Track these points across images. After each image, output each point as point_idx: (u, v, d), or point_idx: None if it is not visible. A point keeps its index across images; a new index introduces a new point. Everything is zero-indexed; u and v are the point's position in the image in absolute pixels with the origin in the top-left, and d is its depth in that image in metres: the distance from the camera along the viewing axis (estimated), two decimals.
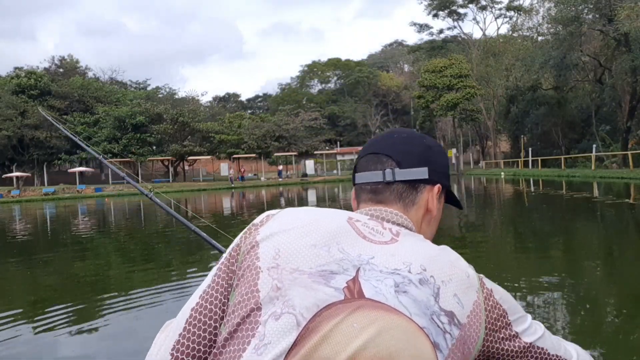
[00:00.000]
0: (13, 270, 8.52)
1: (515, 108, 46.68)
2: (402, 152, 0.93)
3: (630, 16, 26.69)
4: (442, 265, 0.80)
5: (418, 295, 0.75)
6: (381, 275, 0.77)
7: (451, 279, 0.78)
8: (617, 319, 4.42)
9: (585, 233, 9.51)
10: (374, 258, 0.79)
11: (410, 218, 0.91)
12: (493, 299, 0.82)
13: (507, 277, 6.22)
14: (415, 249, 0.82)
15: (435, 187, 0.94)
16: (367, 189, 0.94)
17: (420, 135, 0.99)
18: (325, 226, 0.83)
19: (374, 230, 0.84)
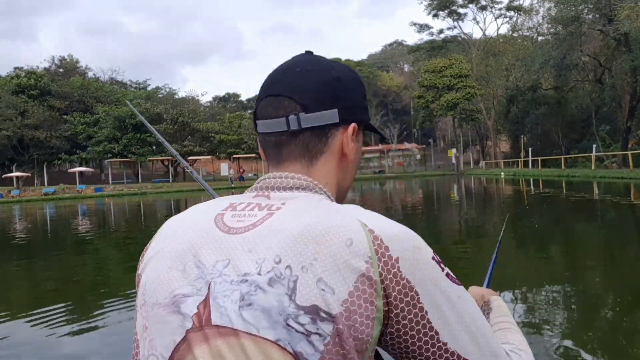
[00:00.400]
0: (13, 270, 8.52)
1: (515, 108, 46.70)
2: (307, 91, 0.75)
3: (630, 16, 26.70)
4: (307, 242, 0.63)
5: (266, 301, 0.61)
6: (230, 287, 0.64)
7: (317, 259, 0.62)
8: (618, 318, 4.42)
9: (585, 233, 9.51)
10: (229, 264, 0.66)
11: (317, 172, 0.77)
12: (397, 271, 0.62)
13: (508, 276, 6.22)
14: (284, 226, 0.66)
15: (349, 127, 0.78)
16: (270, 142, 0.78)
17: (328, 64, 0.80)
18: (184, 236, 0.71)
19: (245, 213, 0.70)
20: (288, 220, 0.66)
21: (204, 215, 0.73)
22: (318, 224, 0.64)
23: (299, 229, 0.65)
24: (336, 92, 0.77)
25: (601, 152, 33.14)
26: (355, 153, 0.82)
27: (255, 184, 0.78)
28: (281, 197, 0.73)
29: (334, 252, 0.61)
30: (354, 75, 0.82)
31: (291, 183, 0.75)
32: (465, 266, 6.96)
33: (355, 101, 0.80)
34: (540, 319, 4.41)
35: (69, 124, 54.06)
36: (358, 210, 0.68)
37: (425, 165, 61.43)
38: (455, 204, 18.45)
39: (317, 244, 0.62)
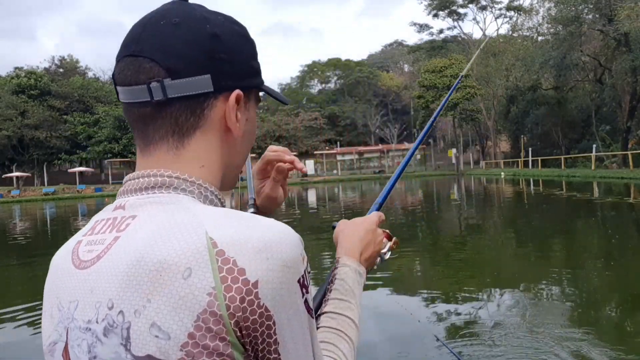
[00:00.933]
0: (13, 270, 8.52)
1: (515, 108, 46.70)
2: (173, 51, 0.60)
3: (630, 16, 26.70)
4: (140, 279, 0.52)
5: (105, 354, 0.53)
6: (80, 336, 0.56)
7: (150, 300, 0.51)
8: (618, 318, 4.43)
9: (585, 233, 9.51)
10: (77, 307, 0.57)
11: (190, 153, 0.62)
12: (254, 298, 0.51)
13: (508, 277, 6.24)
14: (120, 258, 0.55)
15: (232, 95, 0.63)
16: (133, 115, 0.62)
17: (202, 16, 0.63)
18: (51, 272, 0.64)
19: (97, 239, 0.59)
20: (125, 249, 0.55)
21: (69, 244, 0.63)
22: (152, 253, 0.53)
23: (131, 262, 0.53)
24: (211, 52, 0.61)
25: (601, 152, 33.14)
26: (246, 126, 0.67)
27: (120, 189, 0.64)
28: (135, 204, 0.59)
29: (169, 289, 0.51)
30: (237, 29, 0.66)
31: (146, 183, 0.60)
32: (465, 267, 6.97)
33: (238, 63, 0.64)
34: (540, 319, 4.41)
35: (69, 124, 54.09)
36: (214, 218, 0.55)
37: (425, 165, 61.44)
38: (456, 204, 18.45)
39: (151, 281, 0.52)
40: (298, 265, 0.54)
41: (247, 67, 0.65)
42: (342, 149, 66.22)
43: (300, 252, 0.55)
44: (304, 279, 0.55)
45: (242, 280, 0.50)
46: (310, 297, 0.57)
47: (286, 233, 0.55)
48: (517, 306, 4.91)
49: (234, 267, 0.51)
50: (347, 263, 0.80)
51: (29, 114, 51.73)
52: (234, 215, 0.56)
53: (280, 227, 0.55)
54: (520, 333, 4.08)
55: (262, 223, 0.55)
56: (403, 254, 7.28)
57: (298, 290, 0.54)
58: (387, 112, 76.37)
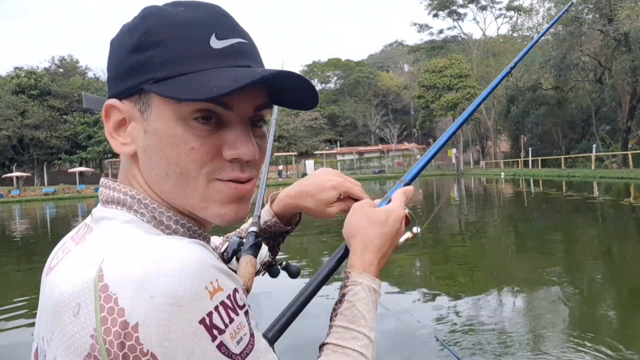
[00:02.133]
0: (13, 271, 8.52)
1: (515, 108, 46.70)
2: (112, 65, 0.57)
3: (630, 16, 26.70)
4: (50, 310, 0.49)
5: None
6: (43, 347, 0.51)
7: (53, 332, 0.48)
8: (618, 317, 4.43)
9: (585, 233, 9.51)
10: (39, 324, 0.53)
11: (122, 173, 0.58)
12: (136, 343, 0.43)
13: (508, 277, 6.24)
14: (50, 283, 0.51)
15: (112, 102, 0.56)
16: None
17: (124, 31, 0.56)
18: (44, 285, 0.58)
19: (67, 245, 0.56)
20: (54, 275, 0.51)
21: (57, 249, 0.59)
22: (60, 282, 0.49)
23: (49, 288, 0.50)
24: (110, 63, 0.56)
25: (601, 152, 33.14)
26: (144, 139, 0.54)
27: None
28: (96, 217, 0.56)
29: (64, 325, 0.46)
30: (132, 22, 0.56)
31: (105, 195, 0.56)
32: (466, 267, 6.96)
33: (112, 64, 0.57)
34: (540, 317, 4.41)
35: (69, 124, 54.10)
36: (120, 245, 0.49)
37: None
38: (456, 202, 18.45)
39: (54, 313, 0.48)
40: (197, 303, 0.44)
41: (123, 66, 0.54)
42: (342, 149, 66.23)
43: (203, 286, 0.45)
44: (214, 318, 0.45)
45: (120, 322, 0.43)
46: (233, 339, 0.47)
47: (185, 263, 0.45)
48: (517, 306, 4.91)
49: (114, 306, 0.44)
50: (359, 280, 0.69)
51: (29, 114, 51.74)
52: (145, 239, 0.49)
53: (177, 256, 0.46)
54: (520, 333, 4.08)
55: (156, 250, 0.46)
56: (404, 254, 7.28)
57: (201, 333, 0.44)
58: (387, 112, 76.37)
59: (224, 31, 0.53)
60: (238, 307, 0.48)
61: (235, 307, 0.48)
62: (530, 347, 3.76)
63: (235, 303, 0.48)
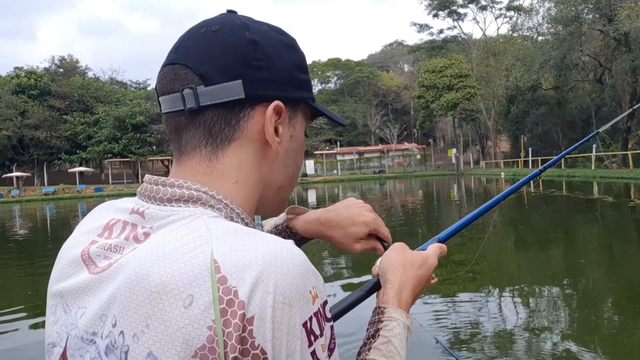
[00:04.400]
0: (13, 271, 8.52)
1: (515, 108, 46.70)
2: (208, 57, 0.57)
3: (630, 16, 26.70)
4: (141, 300, 0.48)
5: None
6: (82, 347, 0.52)
7: (148, 325, 0.47)
8: (617, 318, 4.42)
9: (585, 233, 9.51)
10: (84, 314, 0.53)
11: (225, 166, 0.58)
12: (249, 336, 0.45)
13: (508, 278, 6.23)
14: (128, 274, 0.50)
15: (270, 106, 0.58)
16: (170, 125, 0.60)
17: (243, 24, 0.59)
18: (58, 265, 0.60)
19: (111, 244, 0.56)
20: (135, 263, 0.50)
21: (79, 238, 0.60)
22: (156, 272, 0.48)
23: (135, 279, 0.49)
24: (246, 58, 0.57)
25: (601, 152, 33.14)
26: (289, 142, 0.62)
27: (138, 188, 0.60)
28: (155, 216, 0.55)
29: (168, 316, 0.46)
30: (282, 38, 0.61)
31: (169, 194, 0.56)
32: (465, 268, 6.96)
33: (279, 71, 0.59)
34: (540, 319, 4.40)
35: (69, 124, 54.11)
36: (224, 235, 0.50)
37: (425, 165, 61.45)
38: (456, 203, 18.45)
39: (151, 304, 0.47)
40: (303, 305, 0.47)
41: (291, 77, 0.60)
42: (342, 149, 66.23)
43: (309, 289, 0.48)
44: (313, 323, 0.48)
45: (240, 315, 0.45)
46: (324, 350, 0.49)
47: (297, 264, 0.48)
48: (518, 307, 4.91)
49: (235, 298, 0.45)
50: (395, 316, 0.69)
51: (29, 114, 51.73)
52: (245, 232, 0.50)
53: (289, 255, 0.48)
54: (521, 336, 4.08)
55: (270, 247, 0.48)
56: None
57: (302, 336, 0.47)
58: (387, 112, 76.38)
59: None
60: (327, 318, 0.50)
61: (326, 317, 0.50)
62: (531, 349, 3.76)
63: (325, 313, 0.50)
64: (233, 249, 0.47)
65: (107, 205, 0.63)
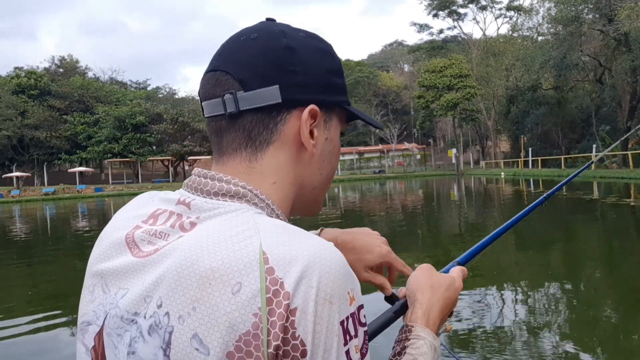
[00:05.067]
0: (13, 271, 8.52)
1: (515, 108, 46.70)
2: (247, 63, 0.60)
3: (630, 16, 26.70)
4: (189, 284, 0.50)
5: (144, 353, 0.51)
6: (123, 325, 0.54)
7: (195, 308, 0.49)
8: (618, 318, 4.42)
9: (585, 233, 9.51)
10: (126, 295, 0.55)
11: (264, 167, 0.61)
12: (290, 327, 0.47)
13: (508, 278, 6.23)
14: (176, 258, 0.53)
15: (305, 109, 0.61)
16: (212, 129, 0.64)
17: (280, 31, 0.62)
18: (99, 247, 0.63)
19: (157, 230, 0.58)
20: (184, 250, 0.53)
21: (123, 222, 0.62)
22: (205, 258, 0.50)
23: (185, 264, 0.51)
24: (282, 63, 0.60)
25: (601, 152, 33.12)
26: (325, 145, 0.65)
27: (186, 180, 0.64)
28: (201, 207, 0.57)
29: (215, 301, 0.48)
30: (318, 44, 0.64)
31: (217, 188, 0.59)
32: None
33: (314, 76, 0.62)
34: (540, 319, 4.40)
35: (69, 124, 54.10)
36: (272, 229, 0.53)
37: (425, 165, 61.45)
38: (456, 203, 18.46)
39: (199, 289, 0.49)
40: (342, 304, 0.49)
41: (325, 82, 0.63)
42: (342, 149, 64.82)
43: (348, 290, 0.50)
44: (350, 324, 0.50)
45: (284, 305, 0.47)
46: (358, 351, 0.51)
47: (339, 264, 0.50)
48: (518, 308, 4.91)
49: (280, 289, 0.47)
50: (422, 335, 0.69)
51: (29, 114, 51.73)
52: (291, 229, 0.53)
53: (334, 256, 0.51)
54: (521, 336, 4.08)
55: (316, 245, 0.51)
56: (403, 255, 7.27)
57: (339, 333, 0.49)
58: (387, 112, 76.37)
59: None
60: (361, 323, 0.52)
61: (361, 322, 0.52)
62: (531, 350, 3.76)
63: (360, 317, 0.51)
64: (280, 243, 0.50)
65: (151, 194, 0.66)
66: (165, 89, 75.39)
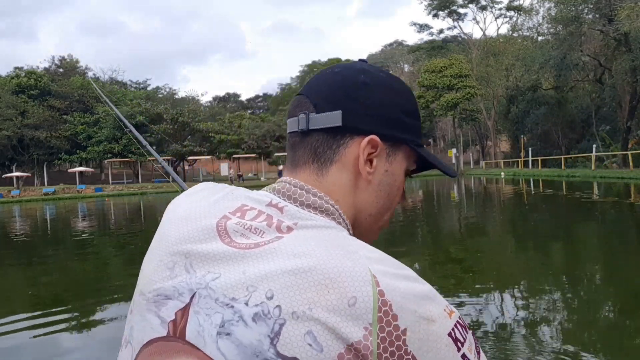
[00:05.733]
0: (14, 272, 8.52)
1: (515, 108, 46.69)
2: (323, 90, 0.69)
3: (630, 16, 26.69)
4: (307, 286, 0.55)
5: (245, 337, 0.55)
6: (214, 306, 0.58)
7: (311, 309, 0.53)
8: (618, 318, 4.42)
9: (585, 233, 9.51)
10: (219, 278, 0.59)
11: (328, 183, 0.67)
12: (403, 344, 0.53)
13: (508, 277, 6.23)
14: (287, 258, 0.58)
15: (365, 139, 0.66)
16: (289, 143, 0.72)
17: (360, 68, 0.70)
18: (181, 228, 0.66)
19: (252, 226, 0.62)
20: (294, 253, 0.58)
21: (209, 209, 0.66)
22: (324, 269, 0.56)
23: (302, 268, 0.56)
24: (352, 93, 0.67)
25: (601, 152, 33.13)
26: (383, 175, 0.69)
27: (273, 185, 0.70)
28: (295, 215, 0.63)
29: (333, 307, 0.53)
30: (395, 84, 0.71)
31: (311, 201, 0.65)
32: (465, 267, 6.96)
33: (381, 110, 0.68)
34: (540, 319, 4.41)
35: (69, 124, 54.07)
36: (372, 255, 0.58)
37: None
38: (455, 203, 18.45)
39: (317, 293, 0.54)
40: (443, 320, 0.56)
41: (393, 118, 0.68)
42: None
43: (442, 309, 0.56)
44: (457, 332, 0.57)
45: (394, 325, 0.53)
46: (471, 352, 0.58)
47: (430, 288, 0.57)
48: (518, 308, 4.91)
49: (389, 310, 0.53)
50: None
51: (29, 114, 51.68)
52: (384, 255, 0.59)
53: (422, 281, 0.58)
54: (521, 335, 4.08)
55: (412, 275, 0.58)
56: (402, 254, 7.28)
57: (450, 344, 0.56)
58: None
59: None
60: (466, 329, 0.58)
61: (465, 328, 0.58)
62: (531, 349, 3.76)
63: (463, 324, 0.58)
64: (382, 268, 0.56)
65: (220, 186, 0.72)
66: (165, 89, 75.24)
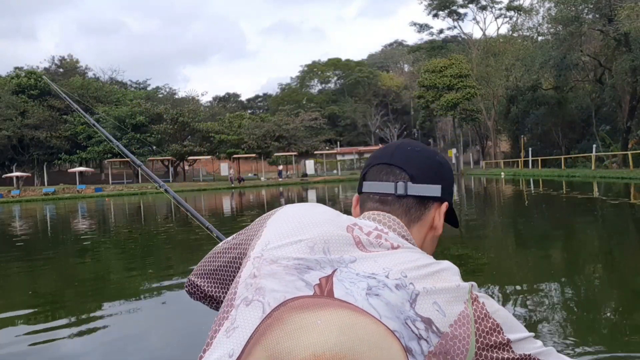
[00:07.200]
0: (13, 272, 8.51)
1: (515, 108, 46.67)
2: (417, 166, 0.93)
3: (630, 16, 26.68)
4: (428, 274, 0.79)
5: (391, 298, 0.74)
6: (357, 278, 0.77)
7: (435, 288, 0.77)
8: (617, 318, 4.42)
9: (585, 233, 9.50)
10: (355, 262, 0.79)
11: (412, 234, 0.92)
12: (485, 312, 0.78)
13: (508, 277, 6.23)
14: (406, 259, 0.81)
15: (443, 205, 0.96)
16: (375, 199, 0.94)
17: (433, 150, 0.99)
18: (318, 227, 0.85)
19: (372, 241, 0.84)
20: (410, 257, 0.81)
21: (336, 219, 0.88)
22: (434, 266, 0.81)
23: (421, 264, 0.80)
24: (439, 173, 0.95)
25: (601, 152, 33.13)
26: (441, 228, 0.97)
27: (371, 214, 0.92)
28: (396, 240, 0.86)
29: (448, 288, 0.77)
30: (449, 165, 1.00)
31: (402, 232, 0.89)
32: (465, 267, 6.96)
33: (450, 185, 0.97)
34: (540, 318, 4.40)
35: (69, 124, 54.05)
36: (456, 275, 0.84)
37: None
38: (455, 204, 18.45)
39: (435, 279, 0.78)
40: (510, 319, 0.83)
41: (452, 190, 0.98)
42: (342, 149, 66.24)
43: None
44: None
45: (480, 306, 0.78)
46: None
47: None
48: (517, 308, 4.91)
49: (472, 292, 0.79)
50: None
51: (29, 114, 51.67)
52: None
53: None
54: None
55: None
56: None
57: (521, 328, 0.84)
58: (387, 112, 76.40)
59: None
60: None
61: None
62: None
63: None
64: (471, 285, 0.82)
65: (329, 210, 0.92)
66: (165, 89, 75.31)
